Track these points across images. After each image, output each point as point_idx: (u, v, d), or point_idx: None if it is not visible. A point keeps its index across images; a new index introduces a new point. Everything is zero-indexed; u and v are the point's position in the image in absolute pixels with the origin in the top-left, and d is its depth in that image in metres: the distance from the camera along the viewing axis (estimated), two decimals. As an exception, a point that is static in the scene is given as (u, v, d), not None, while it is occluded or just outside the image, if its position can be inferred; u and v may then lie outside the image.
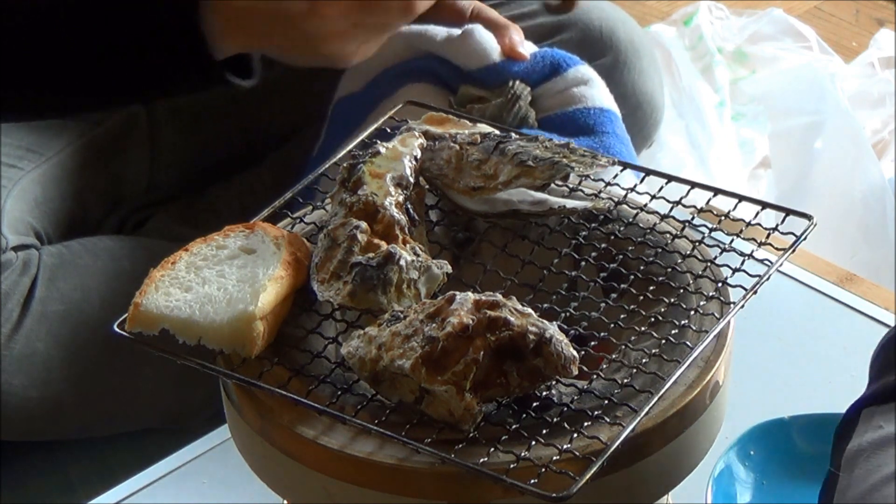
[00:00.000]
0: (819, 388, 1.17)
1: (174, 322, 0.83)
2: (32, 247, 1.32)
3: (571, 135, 1.28)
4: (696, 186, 0.95)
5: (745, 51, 2.17)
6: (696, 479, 0.88)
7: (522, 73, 1.31)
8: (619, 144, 1.30)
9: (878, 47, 2.17)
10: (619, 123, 1.32)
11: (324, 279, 0.85)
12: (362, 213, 0.87)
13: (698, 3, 2.24)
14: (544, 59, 1.33)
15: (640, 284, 0.88)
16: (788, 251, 0.88)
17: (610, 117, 1.31)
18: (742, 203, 0.94)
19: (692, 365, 0.82)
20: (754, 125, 2.02)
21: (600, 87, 1.33)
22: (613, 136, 1.29)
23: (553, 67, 1.32)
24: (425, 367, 0.76)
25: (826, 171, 1.90)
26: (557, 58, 1.33)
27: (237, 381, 0.83)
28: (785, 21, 2.21)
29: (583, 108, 1.31)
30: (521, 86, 1.29)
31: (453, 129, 0.96)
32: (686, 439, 0.82)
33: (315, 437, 0.80)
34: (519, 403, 0.79)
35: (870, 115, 2.04)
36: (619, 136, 1.30)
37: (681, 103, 1.98)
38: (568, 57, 1.33)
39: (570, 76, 1.32)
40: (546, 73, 1.32)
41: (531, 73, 1.31)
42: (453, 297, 0.79)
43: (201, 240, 0.89)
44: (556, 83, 1.32)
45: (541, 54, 1.33)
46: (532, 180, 0.89)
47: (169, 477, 1.11)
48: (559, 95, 1.32)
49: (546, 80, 1.32)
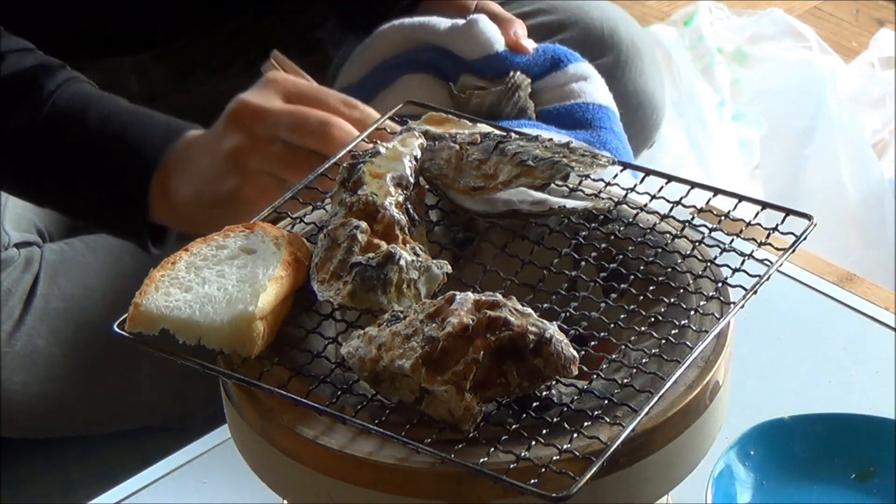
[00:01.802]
0: (819, 388, 1.17)
1: (174, 322, 0.83)
2: (34, 244, 1.32)
3: (569, 128, 1.28)
4: (696, 186, 0.95)
5: (745, 51, 2.17)
6: (696, 479, 0.88)
7: (524, 65, 1.31)
8: (615, 140, 1.30)
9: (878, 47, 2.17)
10: (617, 121, 1.32)
11: (324, 279, 0.85)
12: (362, 213, 0.87)
13: (698, 3, 2.24)
14: (546, 53, 1.33)
15: (640, 284, 0.88)
16: (788, 251, 0.88)
17: (608, 114, 1.31)
18: (742, 203, 0.94)
19: (692, 365, 0.82)
20: (754, 125, 2.02)
21: (600, 84, 1.34)
22: (610, 132, 1.30)
23: (554, 62, 1.33)
24: (425, 367, 0.76)
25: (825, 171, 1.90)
26: (559, 53, 1.34)
27: (237, 381, 0.83)
28: (785, 21, 2.21)
29: (581, 102, 1.31)
30: (522, 77, 1.30)
31: (453, 129, 0.96)
32: (686, 439, 0.82)
33: (315, 437, 0.80)
34: (519, 403, 0.79)
35: (870, 115, 2.05)
36: (616, 132, 1.30)
37: (681, 103, 1.98)
38: (569, 53, 1.34)
39: (571, 71, 1.33)
40: (547, 67, 1.33)
41: (532, 65, 1.32)
42: (453, 297, 0.79)
43: (201, 240, 0.89)
44: (557, 77, 1.33)
45: (542, 48, 1.34)
46: (532, 180, 0.89)
47: (169, 477, 1.11)
48: (559, 90, 1.32)
49: (546, 74, 1.33)
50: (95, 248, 1.33)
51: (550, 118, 1.31)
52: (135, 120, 1.20)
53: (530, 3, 1.48)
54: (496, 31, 1.32)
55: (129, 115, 1.21)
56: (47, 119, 1.19)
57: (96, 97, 1.21)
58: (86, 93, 1.21)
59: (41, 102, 1.19)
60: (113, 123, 1.19)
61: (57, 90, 1.20)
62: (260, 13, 1.50)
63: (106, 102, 1.21)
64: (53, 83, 1.20)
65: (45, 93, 1.19)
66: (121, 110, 1.21)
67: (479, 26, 1.32)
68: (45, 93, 1.19)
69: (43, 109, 1.19)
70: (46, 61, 1.22)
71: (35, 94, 1.20)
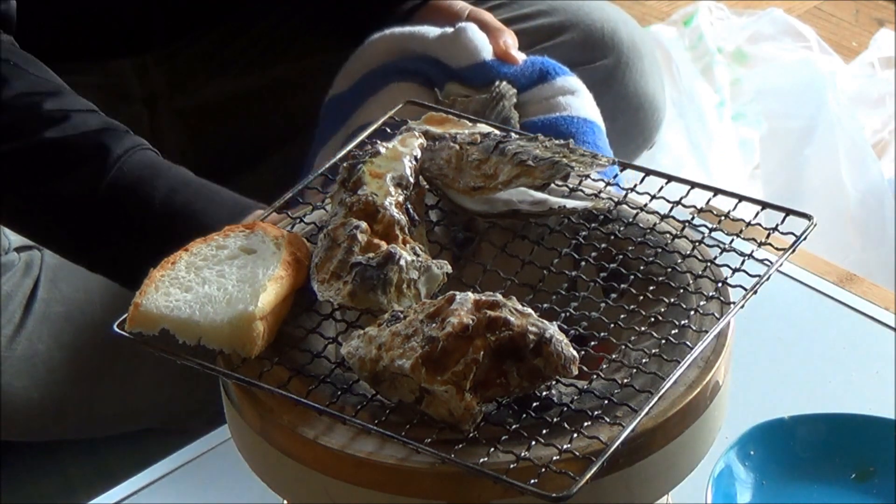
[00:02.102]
0: (819, 388, 1.17)
1: (174, 322, 0.83)
2: (35, 248, 1.32)
3: None
4: (696, 186, 0.95)
5: (745, 51, 2.17)
6: (696, 479, 0.88)
7: (511, 75, 1.30)
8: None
9: (878, 47, 2.17)
10: (603, 136, 1.31)
11: (324, 279, 0.85)
12: (362, 213, 0.87)
13: (698, 3, 2.24)
14: (534, 65, 1.32)
15: (640, 284, 0.88)
16: (788, 251, 0.88)
17: (592, 128, 1.30)
18: (742, 203, 0.94)
19: (692, 365, 0.82)
20: (754, 125, 2.02)
21: (587, 98, 1.32)
22: (593, 146, 1.28)
23: (542, 74, 1.32)
24: (425, 367, 0.76)
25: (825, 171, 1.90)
26: (547, 66, 1.32)
27: (237, 381, 0.83)
28: (785, 21, 2.21)
29: (567, 115, 1.30)
30: (507, 86, 1.29)
31: (453, 129, 0.96)
32: (686, 439, 0.82)
33: (315, 437, 0.80)
34: (519, 403, 0.79)
35: (870, 115, 2.05)
36: (599, 147, 1.29)
37: (681, 103, 1.98)
38: (558, 66, 1.33)
39: (558, 84, 1.32)
40: (534, 79, 1.32)
41: (519, 76, 1.31)
42: (453, 297, 0.79)
43: (201, 240, 0.89)
44: (543, 90, 1.32)
45: (531, 60, 1.33)
46: (532, 180, 0.90)
47: (169, 477, 1.11)
48: (544, 102, 1.31)
49: (533, 86, 1.32)
50: (96, 252, 1.33)
51: (535, 130, 1.29)
52: (201, 195, 1.19)
53: (530, 5, 1.47)
54: (484, 40, 1.31)
55: (196, 188, 1.19)
56: (111, 185, 1.17)
57: (164, 168, 1.20)
58: (152, 162, 1.20)
59: (107, 168, 1.17)
60: (180, 196, 1.18)
61: (124, 155, 1.18)
62: (260, 14, 1.50)
63: (174, 173, 1.19)
64: (121, 148, 1.18)
65: (111, 158, 1.17)
66: (189, 181, 1.19)
67: (467, 34, 1.31)
68: (112, 158, 1.17)
69: (107, 175, 1.17)
70: (112, 125, 1.21)
71: (101, 159, 1.18)
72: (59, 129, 1.18)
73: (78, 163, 1.18)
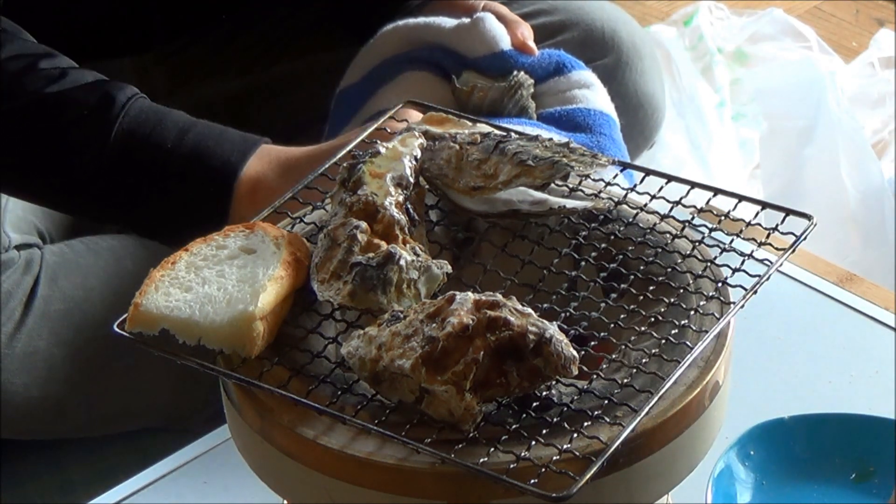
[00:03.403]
0: (819, 388, 1.17)
1: (174, 322, 0.83)
2: (35, 246, 1.32)
3: (569, 130, 1.29)
4: (696, 186, 0.95)
5: (745, 51, 2.17)
6: (696, 479, 0.88)
7: (528, 66, 1.32)
8: (614, 147, 1.30)
9: (878, 47, 2.17)
10: (617, 129, 1.32)
11: (324, 279, 0.85)
12: (362, 213, 0.87)
13: (698, 3, 2.24)
14: (550, 57, 1.34)
15: (640, 284, 0.88)
16: (788, 251, 0.88)
17: (608, 121, 1.32)
18: (742, 203, 0.94)
19: (692, 365, 0.82)
20: (754, 125, 2.02)
21: (602, 93, 1.34)
22: (609, 139, 1.30)
23: (558, 67, 1.33)
24: (425, 367, 0.76)
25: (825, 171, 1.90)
26: (563, 59, 1.34)
27: (237, 381, 0.83)
28: (785, 21, 2.21)
29: (583, 107, 1.31)
30: (525, 76, 1.30)
31: (453, 129, 0.96)
32: (686, 439, 0.82)
33: (315, 437, 0.80)
34: (519, 403, 0.79)
35: (870, 115, 2.05)
36: (615, 140, 1.31)
37: (681, 103, 1.98)
38: (573, 60, 1.35)
39: (574, 78, 1.33)
40: (550, 71, 1.33)
41: (536, 67, 1.32)
42: (453, 297, 0.79)
43: (201, 240, 0.89)
44: (559, 83, 1.33)
45: (548, 53, 1.34)
46: (532, 180, 0.90)
47: (169, 477, 1.11)
48: (560, 95, 1.32)
49: (549, 78, 1.33)
50: (96, 250, 1.33)
51: (551, 120, 1.31)
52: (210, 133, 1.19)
53: (531, 4, 1.48)
54: (502, 30, 1.33)
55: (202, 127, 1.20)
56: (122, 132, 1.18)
57: (164, 111, 1.20)
58: (153, 107, 1.20)
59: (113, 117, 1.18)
60: (191, 135, 1.18)
61: (127, 103, 1.19)
62: (260, 14, 1.50)
63: (177, 116, 1.20)
64: (123, 96, 1.19)
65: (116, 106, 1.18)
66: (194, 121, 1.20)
67: (485, 24, 1.32)
68: (117, 106, 1.18)
69: (115, 124, 1.18)
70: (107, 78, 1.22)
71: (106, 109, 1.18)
72: (58, 85, 1.19)
73: (85, 116, 1.19)
